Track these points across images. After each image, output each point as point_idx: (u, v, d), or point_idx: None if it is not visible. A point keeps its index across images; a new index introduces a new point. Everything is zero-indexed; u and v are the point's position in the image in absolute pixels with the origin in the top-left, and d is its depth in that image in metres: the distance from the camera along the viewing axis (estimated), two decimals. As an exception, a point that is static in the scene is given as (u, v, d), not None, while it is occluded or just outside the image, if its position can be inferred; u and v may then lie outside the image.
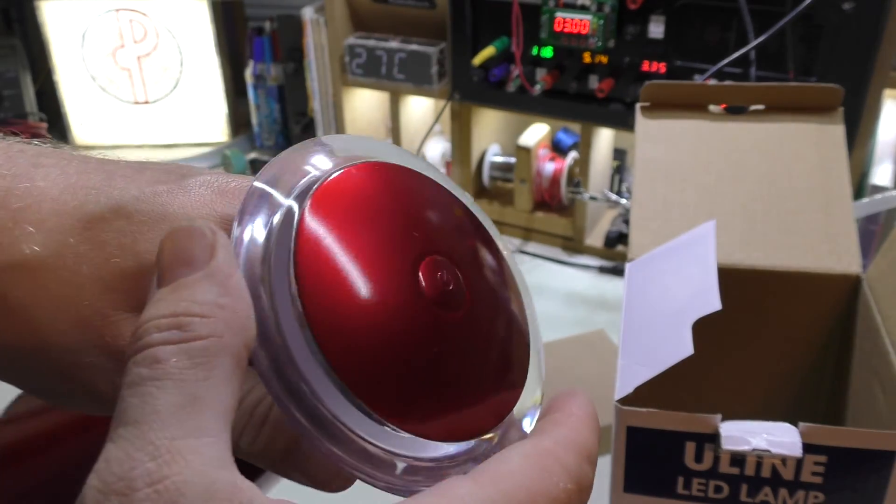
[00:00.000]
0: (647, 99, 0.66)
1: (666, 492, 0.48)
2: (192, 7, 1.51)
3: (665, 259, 0.57)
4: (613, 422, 0.47)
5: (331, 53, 1.33)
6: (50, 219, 0.24)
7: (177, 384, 0.18)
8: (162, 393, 0.18)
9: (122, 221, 0.24)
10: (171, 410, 0.18)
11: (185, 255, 0.20)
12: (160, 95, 1.59)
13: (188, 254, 0.20)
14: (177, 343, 0.19)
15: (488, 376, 0.25)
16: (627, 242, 0.60)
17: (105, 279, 0.23)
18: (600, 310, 1.06)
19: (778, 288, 0.59)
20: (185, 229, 0.21)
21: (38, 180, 0.24)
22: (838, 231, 0.58)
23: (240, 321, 0.20)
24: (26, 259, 0.23)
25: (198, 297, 0.20)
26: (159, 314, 0.19)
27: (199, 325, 0.19)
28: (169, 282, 0.20)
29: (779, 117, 0.64)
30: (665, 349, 0.47)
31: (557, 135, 1.32)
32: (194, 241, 0.21)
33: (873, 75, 0.93)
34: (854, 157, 0.99)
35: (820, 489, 0.46)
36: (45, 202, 0.24)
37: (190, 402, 0.18)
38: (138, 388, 0.18)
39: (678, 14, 1.01)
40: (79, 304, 0.23)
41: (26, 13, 1.69)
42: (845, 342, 0.61)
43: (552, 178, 1.25)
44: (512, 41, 1.11)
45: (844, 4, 0.89)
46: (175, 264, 0.20)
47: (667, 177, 0.63)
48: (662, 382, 0.46)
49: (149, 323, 0.19)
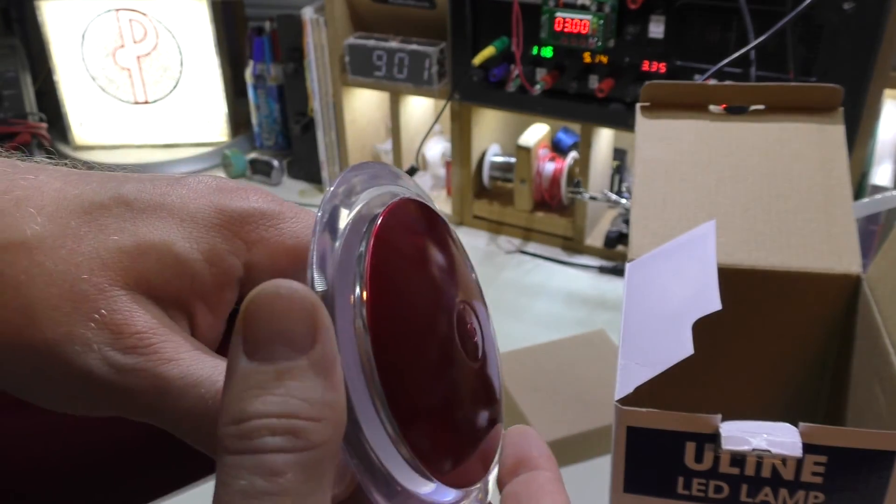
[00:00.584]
0: (647, 99, 0.66)
1: (666, 492, 0.48)
2: (192, 7, 1.51)
3: (665, 259, 0.57)
4: (613, 422, 0.47)
5: (331, 53, 1.33)
6: (51, 204, 0.24)
7: (294, 499, 0.18)
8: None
9: (123, 208, 0.24)
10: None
11: (286, 333, 0.19)
12: (160, 95, 1.59)
13: (289, 331, 0.19)
14: (291, 452, 0.18)
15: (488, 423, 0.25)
16: (627, 242, 0.60)
17: (103, 257, 0.24)
18: (600, 310, 1.06)
19: (778, 288, 0.59)
20: (286, 296, 0.19)
21: (40, 175, 0.25)
22: (838, 231, 0.58)
23: (342, 418, 0.20)
24: (26, 239, 0.23)
25: (308, 394, 0.19)
26: (269, 412, 0.19)
27: (312, 431, 0.19)
28: (266, 359, 0.19)
29: (779, 117, 0.64)
30: (665, 349, 0.47)
31: (557, 135, 1.32)
32: (295, 316, 0.19)
33: (873, 75, 0.93)
34: (854, 157, 0.99)
35: (820, 489, 0.46)
36: (48, 192, 0.24)
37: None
38: (254, 500, 0.18)
39: (678, 14, 1.01)
40: (74, 279, 0.23)
41: (26, 13, 1.69)
42: (845, 342, 0.61)
43: (552, 178, 1.25)
44: (512, 41, 1.11)
45: (844, 4, 0.89)
46: (274, 339, 0.19)
47: (667, 177, 0.63)
48: (662, 382, 0.46)
49: (259, 421, 0.19)
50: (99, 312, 0.23)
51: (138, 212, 0.24)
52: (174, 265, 0.24)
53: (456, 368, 0.23)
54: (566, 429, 0.73)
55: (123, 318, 0.23)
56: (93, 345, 0.23)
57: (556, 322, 1.02)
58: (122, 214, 0.24)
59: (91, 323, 0.23)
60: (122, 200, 0.25)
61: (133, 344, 0.23)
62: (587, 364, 0.83)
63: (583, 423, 0.74)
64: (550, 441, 0.72)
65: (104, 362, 0.23)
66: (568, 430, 0.73)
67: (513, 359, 0.84)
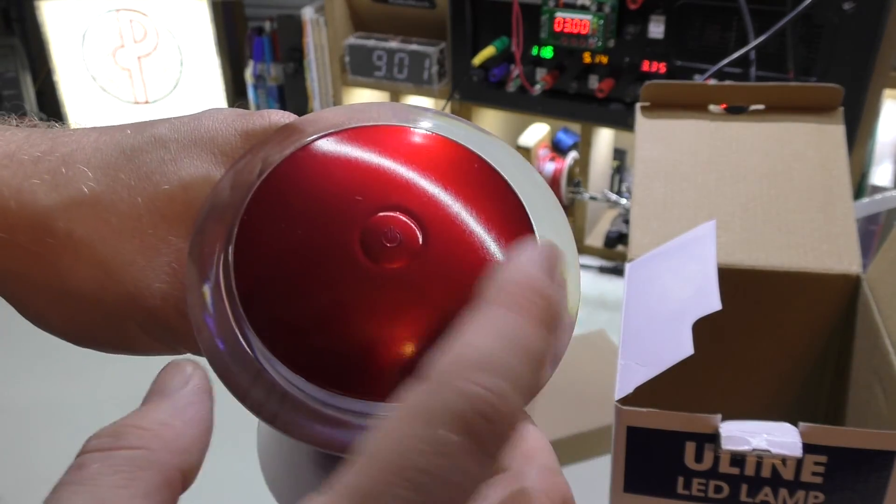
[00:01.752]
0: (647, 99, 0.66)
1: (666, 492, 0.48)
2: (192, 7, 1.51)
3: (665, 259, 0.57)
4: (613, 422, 0.47)
5: (331, 53, 1.33)
6: (95, 157, 0.25)
7: (89, 489, 0.17)
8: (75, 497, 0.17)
9: (161, 150, 0.25)
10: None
11: (162, 386, 0.21)
12: (160, 95, 1.59)
13: (165, 384, 0.21)
14: (105, 450, 0.18)
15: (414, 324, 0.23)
16: (627, 242, 0.60)
17: (160, 208, 0.25)
18: (600, 310, 1.06)
19: (778, 288, 0.59)
20: (171, 365, 0.21)
21: (76, 135, 0.26)
22: (838, 231, 0.58)
23: (183, 444, 0.19)
24: (85, 197, 0.24)
25: (149, 416, 0.20)
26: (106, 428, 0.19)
27: (132, 436, 0.19)
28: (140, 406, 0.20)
29: (779, 117, 0.64)
30: (665, 349, 0.47)
31: (557, 135, 1.32)
32: (172, 375, 0.21)
33: (873, 75, 0.93)
34: (854, 157, 0.99)
35: (820, 489, 0.46)
36: (87, 145, 0.25)
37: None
38: (54, 493, 0.18)
39: (678, 14, 1.01)
40: (142, 233, 0.24)
41: (26, 13, 1.69)
42: (845, 342, 0.61)
43: (552, 178, 1.25)
44: (512, 41, 1.11)
45: (844, 4, 0.89)
46: (152, 393, 0.21)
47: (667, 177, 0.63)
48: (662, 382, 0.46)
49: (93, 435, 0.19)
50: (170, 266, 0.24)
51: (176, 152, 0.25)
52: None
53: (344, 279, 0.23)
54: (566, 429, 0.73)
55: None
56: (169, 298, 0.24)
57: (556, 322, 1.02)
58: (162, 157, 0.25)
59: (165, 276, 0.24)
60: (159, 142, 0.25)
61: None
62: (587, 364, 0.83)
63: (583, 423, 0.74)
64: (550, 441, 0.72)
65: (180, 315, 0.24)
66: (568, 430, 0.73)
67: (513, 359, 0.84)
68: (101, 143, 0.25)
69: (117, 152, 0.25)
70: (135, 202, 0.24)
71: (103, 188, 0.24)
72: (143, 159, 0.25)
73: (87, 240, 0.24)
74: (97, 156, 0.25)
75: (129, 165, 0.25)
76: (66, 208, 0.24)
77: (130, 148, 0.25)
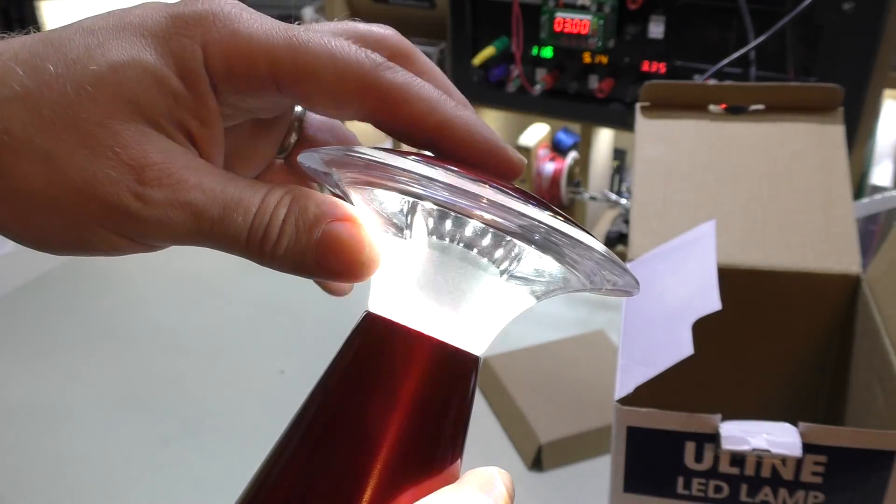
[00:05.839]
0: (647, 99, 0.66)
1: (666, 492, 0.48)
2: (192, 7, 1.51)
3: (665, 259, 0.57)
4: (613, 422, 0.47)
5: (331, 53, 1.33)
6: (22, 51, 0.25)
7: None
8: None
9: (87, 36, 0.25)
10: None
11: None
12: (160, 95, 1.59)
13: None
14: None
15: None
16: (627, 242, 0.60)
17: (90, 93, 0.24)
18: (600, 310, 1.06)
19: (778, 288, 0.59)
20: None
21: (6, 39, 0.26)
22: (838, 231, 0.58)
23: None
24: (16, 93, 0.24)
25: None
26: None
27: None
28: None
29: (779, 117, 0.64)
30: (665, 349, 0.47)
31: (557, 135, 1.32)
32: None
33: (873, 75, 0.93)
34: (854, 157, 0.98)
35: (820, 489, 0.46)
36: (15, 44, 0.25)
37: None
38: None
39: (678, 14, 1.01)
40: (77, 121, 0.24)
41: (26, 13, 1.69)
42: (845, 342, 0.61)
43: (552, 178, 1.25)
44: (512, 41, 1.11)
45: (844, 4, 0.89)
46: None
47: (667, 177, 0.63)
48: (662, 382, 0.46)
49: None
50: (112, 150, 0.24)
51: (103, 38, 0.25)
52: (154, 83, 0.25)
53: None
54: (566, 429, 0.73)
55: (137, 152, 0.24)
56: (119, 183, 0.24)
57: (556, 322, 1.02)
58: (88, 43, 0.25)
59: (110, 161, 0.24)
60: (87, 31, 0.25)
61: (156, 176, 0.24)
62: (587, 364, 0.83)
63: (583, 423, 0.74)
64: (551, 441, 0.72)
65: (135, 198, 0.24)
66: (568, 430, 0.73)
67: (513, 359, 0.84)
68: (27, 40, 0.25)
69: (44, 45, 0.25)
70: (64, 90, 0.24)
71: (33, 83, 0.24)
72: (70, 46, 0.25)
73: (22, 135, 0.24)
74: (24, 50, 0.25)
75: (56, 55, 0.24)
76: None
77: (58, 39, 0.25)
